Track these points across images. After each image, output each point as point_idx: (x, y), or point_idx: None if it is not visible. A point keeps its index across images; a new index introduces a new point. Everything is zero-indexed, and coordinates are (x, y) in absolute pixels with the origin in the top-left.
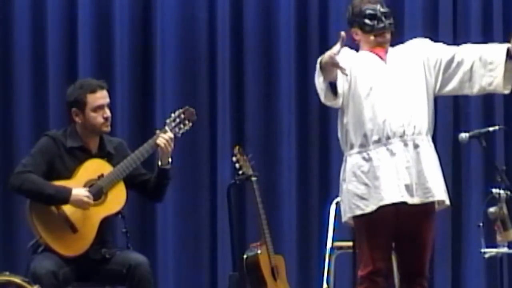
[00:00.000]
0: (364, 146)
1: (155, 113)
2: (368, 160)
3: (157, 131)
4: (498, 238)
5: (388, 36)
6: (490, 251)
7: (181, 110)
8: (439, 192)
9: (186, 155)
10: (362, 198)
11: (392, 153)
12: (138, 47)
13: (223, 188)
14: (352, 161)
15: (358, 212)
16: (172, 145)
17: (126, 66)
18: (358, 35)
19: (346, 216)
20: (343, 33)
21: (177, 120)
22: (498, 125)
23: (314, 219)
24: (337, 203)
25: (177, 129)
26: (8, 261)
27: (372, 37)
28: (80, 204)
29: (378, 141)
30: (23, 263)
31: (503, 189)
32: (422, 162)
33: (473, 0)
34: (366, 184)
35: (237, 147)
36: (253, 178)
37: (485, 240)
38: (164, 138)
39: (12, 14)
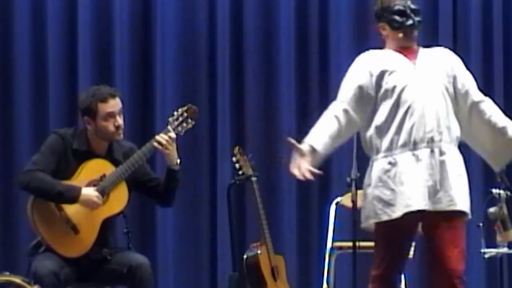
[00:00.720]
0: (390, 150)
1: (155, 114)
2: (394, 164)
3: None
4: (498, 238)
5: (416, 33)
6: (490, 251)
7: (184, 108)
8: (461, 203)
9: (186, 155)
10: (388, 204)
11: (418, 159)
12: (138, 47)
13: (223, 188)
14: (378, 166)
15: (385, 218)
16: (174, 145)
17: (126, 66)
18: (385, 30)
19: (368, 222)
20: (290, 140)
21: (180, 118)
22: None
23: (314, 219)
24: (337, 203)
25: (180, 128)
26: (8, 261)
27: (400, 34)
28: (90, 204)
29: (404, 146)
30: (23, 263)
31: (503, 189)
32: (447, 170)
33: (473, 0)
34: (392, 190)
35: (237, 147)
36: (253, 178)
37: (485, 240)
38: (163, 138)
39: (12, 15)
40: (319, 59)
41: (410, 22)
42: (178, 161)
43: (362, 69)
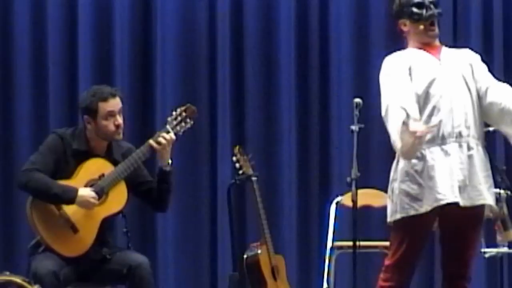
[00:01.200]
0: None
1: (155, 113)
2: (422, 159)
3: (158, 132)
4: (498, 238)
5: (437, 29)
6: (490, 251)
7: (182, 108)
8: (490, 197)
9: (186, 155)
10: (416, 198)
11: (447, 153)
12: (138, 47)
13: (223, 188)
14: (405, 161)
15: (412, 213)
16: (171, 146)
17: (126, 66)
18: (406, 26)
19: (395, 216)
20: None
21: (179, 118)
22: None
23: (314, 219)
24: (337, 203)
25: (178, 128)
26: (8, 261)
27: (421, 27)
28: (86, 205)
29: (433, 141)
30: (23, 263)
31: (503, 189)
32: (475, 164)
33: (473, 0)
34: (419, 184)
35: (237, 147)
36: (253, 178)
37: (485, 240)
38: (165, 138)
39: (12, 15)
40: (319, 59)
41: (430, 12)
42: (170, 161)
43: (395, 65)
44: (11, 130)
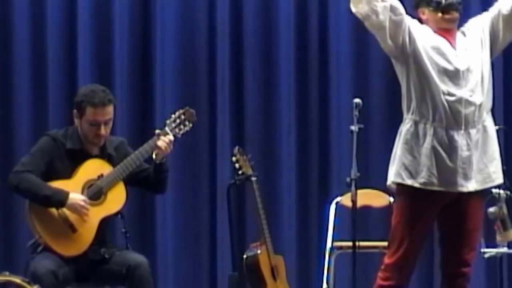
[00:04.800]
0: (425, 117)
1: (155, 114)
2: (424, 135)
3: (157, 131)
4: (498, 238)
5: (456, 15)
6: (490, 251)
7: (181, 111)
8: (498, 177)
9: (186, 155)
10: (405, 168)
11: (454, 139)
12: (138, 47)
13: (223, 188)
14: (409, 127)
15: (398, 180)
16: (172, 147)
17: (126, 66)
18: (425, 14)
19: (392, 179)
20: None
21: (177, 120)
22: (498, 125)
23: (314, 219)
24: (337, 203)
25: (177, 130)
26: (8, 261)
27: (439, 14)
28: (76, 208)
29: (441, 123)
30: (23, 263)
31: (503, 189)
32: (479, 148)
33: (472, 1)
34: (414, 157)
35: (237, 147)
36: (253, 178)
37: (485, 240)
38: (165, 141)
39: (12, 15)
40: (319, 59)
41: (449, 1)
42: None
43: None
44: (11, 130)
